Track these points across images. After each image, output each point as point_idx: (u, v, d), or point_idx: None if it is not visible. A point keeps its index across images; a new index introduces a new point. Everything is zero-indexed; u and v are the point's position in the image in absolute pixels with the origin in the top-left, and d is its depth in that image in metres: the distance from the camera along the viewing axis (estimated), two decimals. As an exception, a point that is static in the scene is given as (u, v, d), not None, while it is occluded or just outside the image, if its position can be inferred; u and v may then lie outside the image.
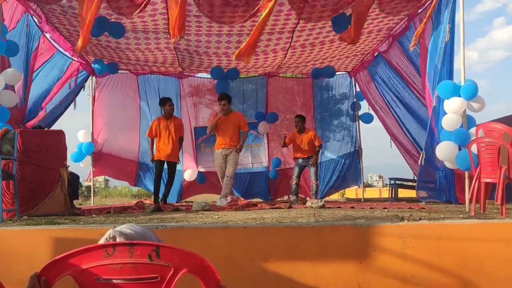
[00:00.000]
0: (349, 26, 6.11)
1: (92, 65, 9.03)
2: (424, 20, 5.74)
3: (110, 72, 9.46)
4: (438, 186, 6.67)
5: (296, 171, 8.86)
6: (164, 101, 8.16)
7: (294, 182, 8.78)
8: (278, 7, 6.07)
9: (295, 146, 8.90)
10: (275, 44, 8.29)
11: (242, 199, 9.05)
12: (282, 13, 6.89)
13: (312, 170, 8.75)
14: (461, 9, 5.58)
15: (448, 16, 5.78)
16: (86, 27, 5.45)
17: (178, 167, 8.94)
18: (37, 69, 7.73)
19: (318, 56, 9.21)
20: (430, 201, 6.81)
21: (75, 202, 7.44)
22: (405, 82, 8.56)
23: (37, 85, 7.98)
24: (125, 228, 1.62)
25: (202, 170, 10.15)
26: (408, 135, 9.11)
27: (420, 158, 6.55)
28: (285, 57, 8.98)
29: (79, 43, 5.70)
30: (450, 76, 5.85)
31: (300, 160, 8.84)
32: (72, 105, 9.23)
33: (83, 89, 9.63)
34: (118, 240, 1.55)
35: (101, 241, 1.57)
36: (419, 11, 5.75)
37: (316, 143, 8.79)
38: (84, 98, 10.16)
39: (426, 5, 5.71)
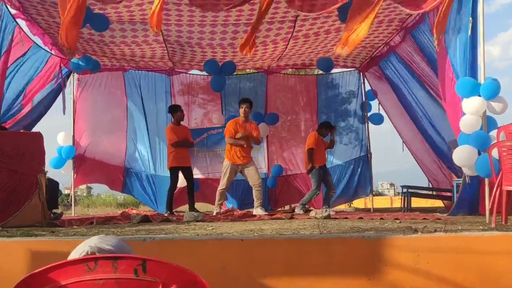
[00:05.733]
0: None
1: (70, 63, 8.99)
2: (440, 13, 5.70)
3: (92, 70, 9.44)
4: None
5: (317, 182, 8.85)
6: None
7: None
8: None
9: (318, 153, 8.94)
10: (276, 34, 8.27)
11: (237, 210, 9.05)
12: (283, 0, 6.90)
13: (330, 178, 8.94)
14: (481, 1, 5.59)
15: (469, 8, 5.76)
16: (69, 20, 5.42)
17: (169, 173, 8.97)
18: (11, 64, 7.69)
19: (319, 47, 9.17)
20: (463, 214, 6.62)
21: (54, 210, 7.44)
22: (420, 80, 8.55)
23: (13, 82, 7.96)
24: (100, 243, 1.62)
25: (195, 176, 10.15)
26: (424, 138, 9.08)
27: (465, 173, 6.21)
28: (286, 48, 8.97)
29: (64, 40, 5.65)
30: (472, 73, 5.81)
31: (321, 171, 8.89)
32: (54, 106, 9.27)
33: (65, 87, 9.63)
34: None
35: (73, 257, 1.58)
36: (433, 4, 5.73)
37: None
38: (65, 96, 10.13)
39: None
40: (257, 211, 7.90)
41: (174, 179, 8.76)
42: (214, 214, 7.87)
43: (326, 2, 6.11)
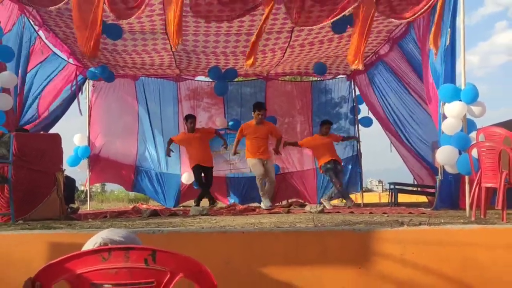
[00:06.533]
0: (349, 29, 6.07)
1: (87, 71, 9.04)
2: (434, 24, 5.73)
3: (107, 81, 9.51)
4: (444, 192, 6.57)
5: (333, 176, 8.62)
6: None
7: (339, 185, 8.63)
8: (277, 4, 6.08)
9: (320, 150, 8.86)
10: (274, 43, 8.28)
11: (239, 205, 9.05)
12: (281, 11, 6.89)
13: (339, 175, 8.74)
14: (462, 12, 5.59)
15: (449, 19, 5.77)
16: (93, 30, 5.45)
17: (176, 171, 8.96)
18: (29, 71, 7.69)
19: (316, 55, 9.19)
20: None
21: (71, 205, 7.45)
22: (405, 87, 8.57)
23: (32, 87, 7.97)
24: (111, 235, 1.62)
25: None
26: (408, 139, 9.12)
27: (440, 171, 6.20)
28: (283, 56, 8.96)
29: (85, 48, 5.69)
30: (452, 80, 5.83)
31: (329, 166, 8.65)
32: (71, 108, 9.30)
33: (81, 93, 9.64)
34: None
35: (87, 248, 1.58)
36: (418, 13, 5.76)
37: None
38: (80, 101, 10.15)
39: (423, 8, 5.71)
40: (264, 203, 7.96)
41: (195, 176, 8.89)
42: (267, 207, 7.79)
43: (320, 14, 6.16)
